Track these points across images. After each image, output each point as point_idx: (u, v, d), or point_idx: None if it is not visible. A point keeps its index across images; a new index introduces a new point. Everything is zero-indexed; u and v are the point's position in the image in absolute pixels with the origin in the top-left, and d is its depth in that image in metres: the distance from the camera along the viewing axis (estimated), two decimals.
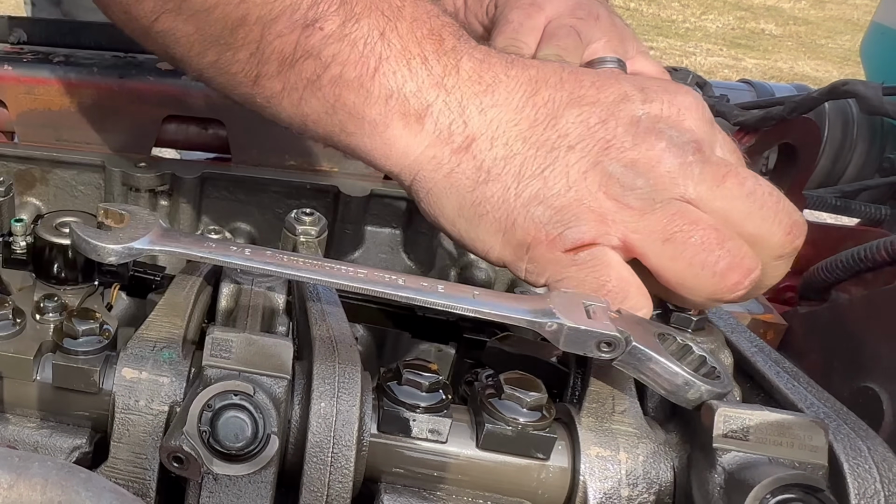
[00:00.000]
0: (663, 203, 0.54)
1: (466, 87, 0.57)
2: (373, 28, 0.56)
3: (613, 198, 0.54)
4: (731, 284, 0.54)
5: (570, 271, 0.55)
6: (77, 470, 0.40)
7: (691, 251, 0.54)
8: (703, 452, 0.52)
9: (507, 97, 0.57)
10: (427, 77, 0.57)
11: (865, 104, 0.98)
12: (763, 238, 0.55)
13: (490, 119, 0.56)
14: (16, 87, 0.98)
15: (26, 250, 0.74)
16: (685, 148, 0.55)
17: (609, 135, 0.55)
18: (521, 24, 0.88)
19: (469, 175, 0.57)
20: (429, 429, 0.55)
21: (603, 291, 0.55)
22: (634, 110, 0.56)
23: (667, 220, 0.54)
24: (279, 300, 0.69)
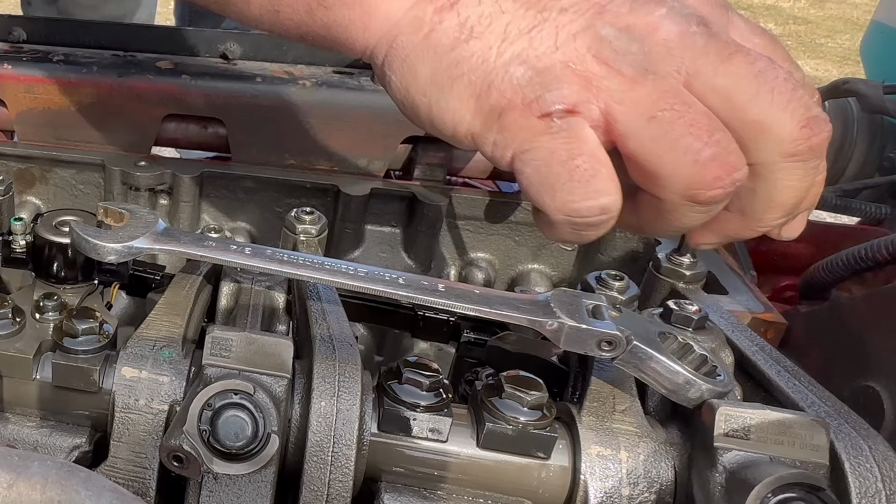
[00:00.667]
0: (657, 75, 0.49)
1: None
2: None
3: (604, 62, 0.49)
4: (710, 178, 0.48)
5: (541, 140, 0.49)
6: (76, 469, 0.40)
7: (677, 133, 0.48)
8: (704, 451, 0.52)
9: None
10: None
11: (866, 103, 0.98)
12: (770, 127, 0.48)
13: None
14: (15, 86, 0.98)
15: (26, 249, 0.74)
16: (689, 18, 0.50)
17: (599, 0, 0.50)
18: None
19: (450, 33, 0.51)
20: (429, 428, 0.55)
21: (571, 165, 0.49)
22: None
23: (657, 96, 0.48)
24: (279, 299, 0.69)
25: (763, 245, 1.15)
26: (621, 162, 0.51)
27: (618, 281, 0.68)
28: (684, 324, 0.63)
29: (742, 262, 0.92)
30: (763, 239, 1.16)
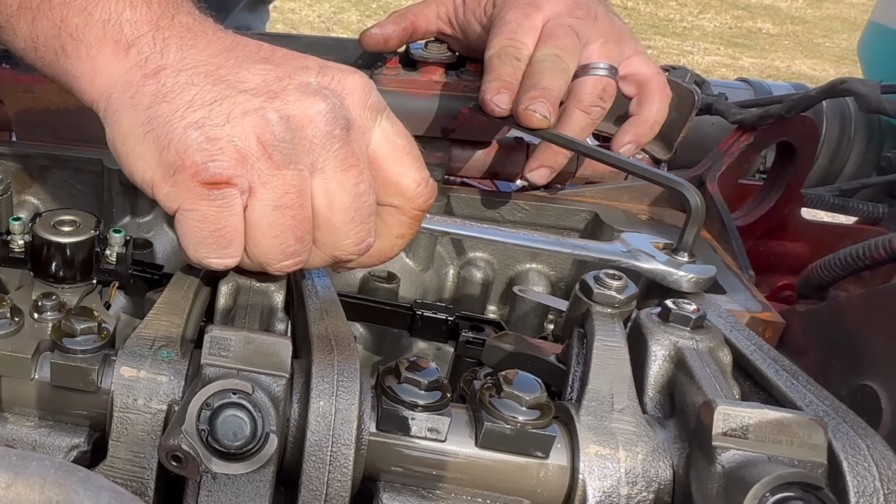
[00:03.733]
0: (295, 167, 0.57)
1: (175, 32, 0.61)
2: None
3: (262, 145, 0.57)
4: (277, 267, 0.61)
5: (200, 205, 0.57)
6: (75, 469, 0.40)
7: (283, 226, 0.59)
8: (702, 451, 0.52)
9: (206, 46, 0.61)
10: (146, 13, 0.62)
11: (863, 102, 0.98)
12: (332, 240, 0.61)
13: (184, 57, 0.60)
14: (14, 86, 0.98)
15: (24, 249, 0.74)
16: (337, 121, 0.58)
17: (280, 88, 0.58)
18: (519, 24, 0.89)
19: (149, 95, 0.59)
20: (428, 427, 0.55)
21: (216, 232, 0.58)
22: (309, 77, 0.60)
23: (287, 188, 0.58)
24: (278, 298, 0.69)
25: (761, 245, 1.16)
26: None
27: (616, 280, 0.68)
28: (682, 323, 0.63)
29: (740, 261, 0.92)
30: (762, 239, 1.16)
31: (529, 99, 0.83)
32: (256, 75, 0.59)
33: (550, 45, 0.87)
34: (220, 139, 0.56)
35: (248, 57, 0.61)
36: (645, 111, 0.92)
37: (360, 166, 0.60)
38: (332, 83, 0.60)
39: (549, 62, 0.86)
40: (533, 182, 0.94)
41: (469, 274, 1.00)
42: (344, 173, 0.59)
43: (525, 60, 0.88)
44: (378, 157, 0.62)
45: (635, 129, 0.92)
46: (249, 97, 0.57)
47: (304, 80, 0.59)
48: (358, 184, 0.59)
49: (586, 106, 0.87)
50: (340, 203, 0.59)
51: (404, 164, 0.63)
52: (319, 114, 0.58)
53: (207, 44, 0.62)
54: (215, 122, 0.57)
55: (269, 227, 0.59)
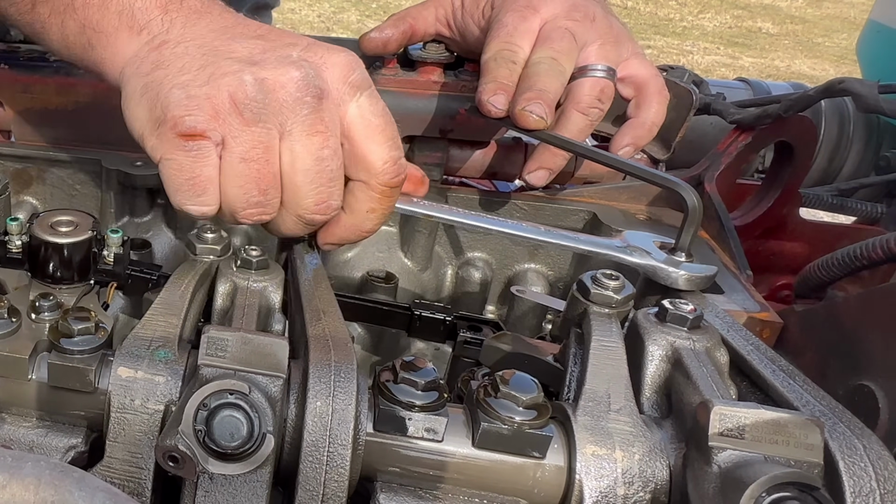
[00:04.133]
0: (264, 125, 0.63)
1: (181, 13, 0.69)
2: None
3: (234, 102, 0.62)
4: (243, 215, 0.66)
5: (177, 154, 0.63)
6: (70, 469, 0.40)
7: (248, 177, 0.64)
8: (698, 451, 0.52)
9: (207, 23, 0.68)
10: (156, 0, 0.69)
11: (862, 102, 0.98)
12: (294, 199, 0.66)
13: (185, 33, 0.67)
14: (12, 86, 0.98)
15: (22, 249, 0.74)
16: (309, 88, 0.63)
17: (259, 58, 0.64)
18: (516, 28, 0.89)
19: (149, 63, 0.66)
20: (425, 427, 0.55)
21: (191, 180, 0.64)
22: (292, 51, 0.65)
23: (255, 143, 0.63)
24: (275, 299, 0.69)
25: (759, 245, 1.15)
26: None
27: (613, 280, 0.68)
28: (679, 323, 0.63)
29: (738, 261, 0.92)
30: (760, 238, 1.16)
31: (526, 100, 0.84)
32: (245, 47, 0.65)
33: (547, 47, 0.87)
34: (198, 97, 0.62)
35: (244, 34, 0.67)
36: (643, 113, 0.92)
37: (327, 133, 0.64)
38: (314, 57, 0.65)
39: (546, 64, 0.86)
40: (531, 184, 0.94)
41: (467, 274, 1.00)
42: (309, 137, 0.64)
43: (521, 63, 0.88)
44: (351, 131, 0.66)
45: (633, 132, 0.92)
46: (231, 63, 0.63)
47: (286, 53, 0.65)
48: (322, 149, 0.64)
49: (584, 107, 0.87)
50: (302, 164, 0.64)
51: (374, 141, 0.66)
52: (292, 80, 0.63)
53: (209, 22, 0.68)
54: (197, 82, 0.63)
55: (235, 177, 0.64)
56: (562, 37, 0.87)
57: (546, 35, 0.88)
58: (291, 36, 0.68)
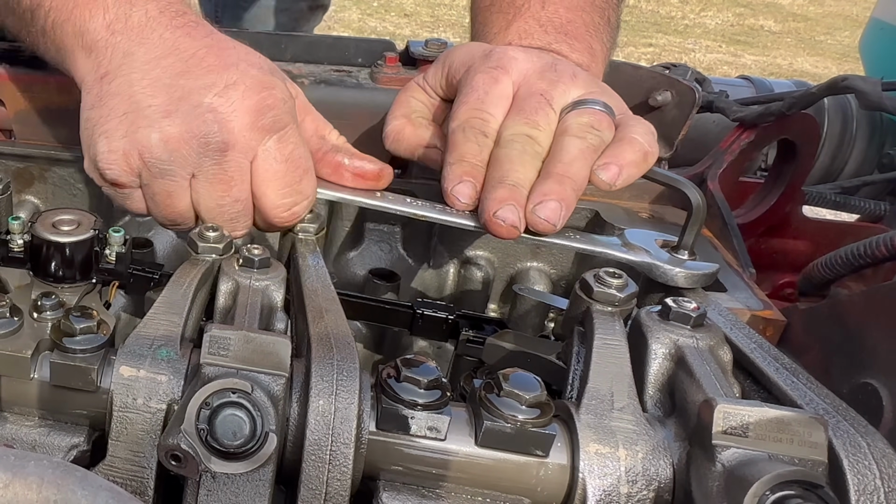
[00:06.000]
0: (170, 177, 0.72)
1: (125, 35, 0.73)
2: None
3: (143, 160, 0.71)
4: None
5: (113, 195, 0.76)
6: (73, 468, 0.40)
7: (161, 210, 0.75)
8: (702, 449, 0.52)
9: (144, 53, 0.73)
10: (101, 20, 0.74)
11: (864, 100, 0.98)
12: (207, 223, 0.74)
13: (122, 64, 0.73)
14: (13, 86, 0.98)
15: (24, 248, 0.74)
16: (212, 145, 0.69)
17: (173, 108, 0.70)
18: (487, 92, 0.77)
19: (92, 97, 0.74)
20: (427, 426, 0.55)
21: (127, 207, 0.78)
22: (205, 97, 0.70)
23: (160, 190, 0.73)
24: (277, 297, 0.69)
25: (762, 243, 1.15)
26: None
27: (616, 279, 0.68)
28: (683, 321, 0.63)
29: (741, 259, 0.92)
30: (763, 236, 1.16)
31: (497, 202, 0.71)
32: (164, 93, 0.71)
33: (521, 120, 0.75)
34: (116, 151, 0.71)
35: (173, 67, 0.72)
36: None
37: (230, 183, 0.72)
38: (226, 105, 0.70)
39: (519, 145, 0.74)
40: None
41: (469, 272, 1.00)
42: (211, 186, 0.72)
43: (492, 136, 0.76)
44: (253, 174, 0.72)
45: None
46: (147, 115, 0.70)
47: (198, 101, 0.70)
48: (222, 196, 0.72)
49: (577, 131, 0.74)
50: (205, 207, 0.73)
51: (269, 187, 0.73)
52: (194, 137, 0.69)
53: (147, 50, 0.73)
54: (118, 133, 0.71)
55: (154, 207, 0.75)
56: (537, 106, 0.75)
57: (521, 103, 0.76)
58: (214, 71, 0.71)
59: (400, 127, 0.85)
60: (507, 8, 0.91)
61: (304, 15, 1.91)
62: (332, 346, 0.58)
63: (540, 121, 0.75)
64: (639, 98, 1.04)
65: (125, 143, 0.71)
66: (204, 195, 0.73)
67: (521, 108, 0.76)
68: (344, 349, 0.58)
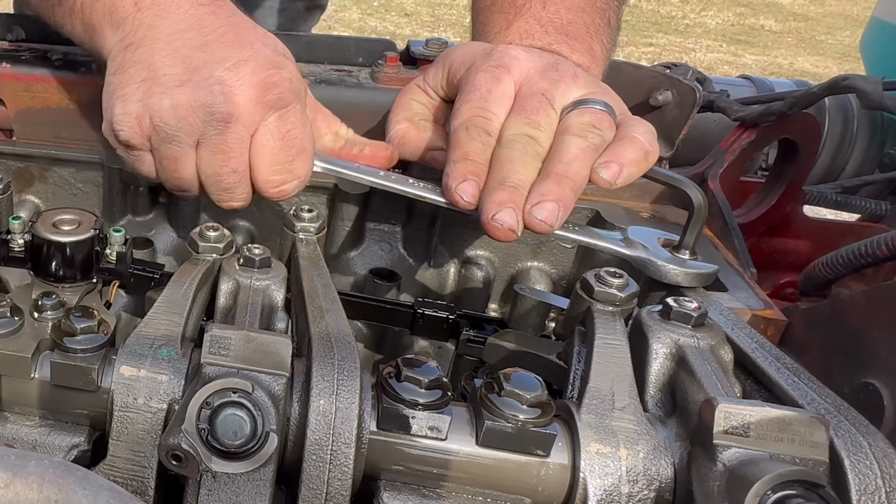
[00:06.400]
0: (176, 143, 0.74)
1: (151, 11, 0.77)
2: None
3: (153, 124, 0.74)
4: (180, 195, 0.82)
5: (125, 156, 0.79)
6: (74, 468, 0.40)
7: (168, 176, 0.78)
8: (703, 449, 0.52)
9: (168, 25, 0.76)
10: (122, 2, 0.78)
11: (865, 99, 0.98)
12: (206, 190, 0.78)
13: (146, 35, 0.76)
14: (14, 85, 0.98)
15: (24, 248, 0.74)
16: (216, 115, 0.72)
17: (186, 78, 0.73)
18: (490, 91, 0.78)
19: (116, 64, 0.77)
20: (428, 426, 0.55)
21: (139, 171, 0.80)
22: (216, 70, 0.72)
23: (167, 155, 0.76)
24: (278, 297, 0.69)
25: (763, 242, 1.15)
26: None
27: (617, 278, 0.68)
28: (684, 321, 0.63)
29: (742, 259, 0.92)
30: (763, 236, 1.16)
31: (496, 205, 0.70)
32: (181, 63, 0.73)
33: (523, 120, 0.75)
34: (130, 114, 0.74)
35: (194, 40, 0.75)
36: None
37: (229, 154, 0.74)
38: (234, 78, 0.72)
39: (520, 145, 0.74)
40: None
41: (470, 272, 1.00)
42: (213, 155, 0.74)
43: (495, 134, 0.76)
44: (252, 146, 0.75)
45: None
46: (163, 82, 0.73)
47: (211, 73, 0.72)
48: (221, 166, 0.75)
49: (578, 130, 0.74)
50: (205, 174, 0.76)
51: (261, 161, 0.75)
52: (201, 106, 0.72)
53: (170, 23, 0.76)
54: (135, 98, 0.74)
55: (162, 172, 0.78)
56: (539, 106, 0.75)
57: (522, 102, 0.76)
58: (228, 47, 0.74)
59: (404, 131, 0.85)
60: (507, 8, 0.91)
61: (301, 15, 1.92)
62: (332, 346, 0.58)
63: (541, 121, 0.75)
64: (640, 98, 1.04)
65: (139, 106, 0.74)
66: (205, 163, 0.75)
67: (522, 107, 0.76)
68: (345, 349, 0.58)
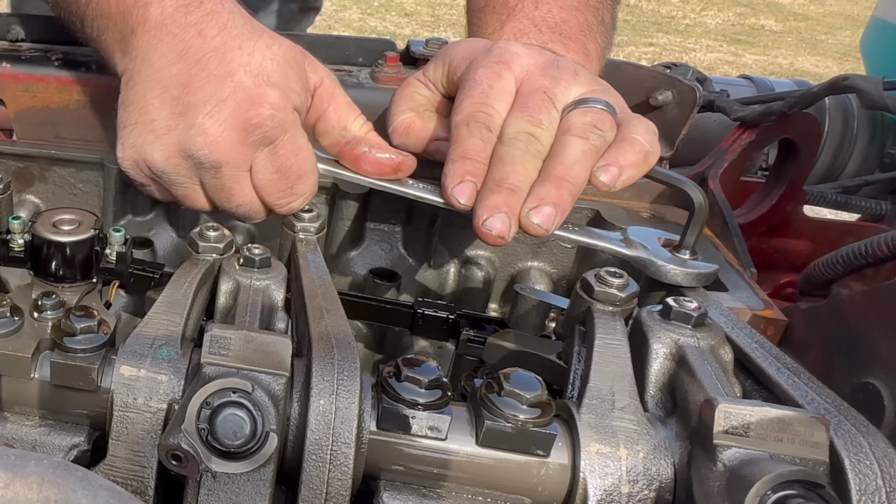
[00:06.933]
0: (178, 185, 0.78)
1: (143, 38, 0.77)
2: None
3: (152, 172, 0.78)
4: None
5: (140, 188, 0.83)
6: (73, 468, 0.40)
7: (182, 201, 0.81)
8: (703, 449, 0.52)
9: (159, 58, 0.76)
10: (122, 21, 0.79)
11: (866, 99, 0.98)
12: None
13: (141, 70, 0.77)
14: (14, 85, 0.98)
15: (24, 248, 0.74)
16: (205, 163, 0.74)
17: (174, 124, 0.74)
18: (491, 87, 0.77)
19: (121, 99, 0.79)
20: (428, 426, 0.55)
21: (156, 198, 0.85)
22: (197, 117, 0.73)
23: (176, 194, 0.79)
24: (278, 297, 0.69)
25: (763, 242, 1.15)
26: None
27: (617, 278, 0.68)
28: (684, 321, 0.63)
29: (742, 259, 0.92)
30: (764, 236, 1.16)
31: (489, 209, 0.70)
32: (169, 105, 0.74)
33: (524, 117, 0.74)
34: (129, 159, 0.78)
35: (179, 76, 0.74)
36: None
37: (231, 191, 0.76)
38: (214, 126, 0.73)
39: (522, 143, 0.73)
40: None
41: (470, 272, 1.00)
42: (217, 193, 0.77)
43: (496, 130, 0.75)
44: (253, 180, 0.77)
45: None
46: (152, 129, 0.75)
47: (192, 121, 0.73)
48: (227, 201, 0.77)
49: (580, 131, 0.73)
50: (217, 205, 0.79)
51: (264, 192, 0.77)
52: (189, 156, 0.74)
53: (160, 55, 0.76)
54: (129, 142, 0.77)
55: (177, 201, 0.80)
56: (541, 104, 0.75)
57: (524, 100, 0.76)
58: (216, 80, 0.74)
59: (409, 121, 0.84)
60: (500, 9, 0.91)
61: (295, 17, 1.91)
62: (332, 346, 0.58)
63: (543, 119, 0.74)
64: (640, 97, 1.04)
65: (134, 153, 0.77)
66: (214, 199, 0.78)
67: (524, 104, 0.75)
68: (345, 349, 0.57)
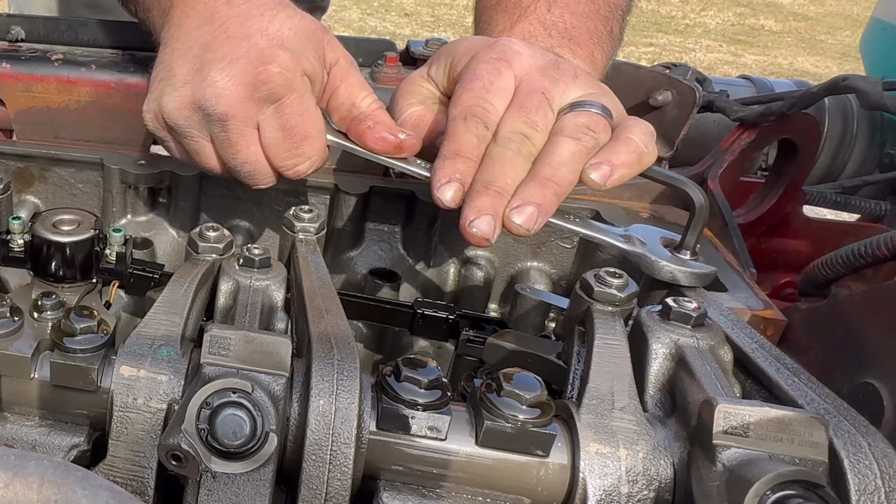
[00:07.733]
0: (190, 138, 0.82)
1: (178, 10, 0.83)
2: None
3: (168, 123, 0.82)
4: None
5: (159, 139, 0.87)
6: (73, 468, 0.40)
7: (194, 159, 0.85)
8: (703, 449, 0.52)
9: (189, 23, 0.82)
10: (165, 4, 0.86)
11: (865, 99, 0.98)
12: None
13: (173, 35, 0.83)
14: (14, 85, 0.98)
15: (24, 248, 0.74)
16: (213, 115, 0.78)
17: (191, 78, 0.79)
18: (492, 82, 0.76)
19: (156, 61, 0.84)
20: (428, 426, 0.55)
21: (170, 154, 0.89)
22: (211, 70, 0.77)
23: (186, 148, 0.84)
24: (278, 297, 0.69)
25: (763, 242, 1.15)
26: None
27: (616, 279, 0.68)
28: (683, 321, 0.63)
29: (742, 259, 0.92)
30: (763, 236, 1.16)
31: (475, 211, 0.69)
32: (189, 62, 0.79)
33: (521, 118, 0.74)
34: (150, 111, 0.83)
35: (203, 37, 0.80)
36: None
37: (237, 146, 0.79)
38: (224, 79, 0.77)
39: (515, 144, 0.72)
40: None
41: (470, 272, 1.00)
42: (224, 149, 0.80)
43: (493, 127, 0.74)
44: (261, 137, 0.80)
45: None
46: (172, 83, 0.80)
47: (205, 75, 0.77)
48: (233, 157, 0.81)
49: (572, 132, 0.73)
50: (224, 163, 0.82)
51: (269, 151, 0.80)
52: (199, 108, 0.78)
53: (191, 21, 0.82)
54: (153, 96, 0.82)
55: (190, 161, 0.85)
56: (538, 105, 0.74)
57: (522, 99, 0.75)
58: (230, 43, 0.78)
59: (420, 113, 0.83)
60: (512, 8, 0.91)
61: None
62: (332, 346, 0.58)
63: (538, 121, 0.74)
64: (639, 98, 1.04)
65: (155, 105, 0.82)
66: (221, 154, 0.82)
67: (522, 104, 0.75)
68: (344, 349, 0.58)
